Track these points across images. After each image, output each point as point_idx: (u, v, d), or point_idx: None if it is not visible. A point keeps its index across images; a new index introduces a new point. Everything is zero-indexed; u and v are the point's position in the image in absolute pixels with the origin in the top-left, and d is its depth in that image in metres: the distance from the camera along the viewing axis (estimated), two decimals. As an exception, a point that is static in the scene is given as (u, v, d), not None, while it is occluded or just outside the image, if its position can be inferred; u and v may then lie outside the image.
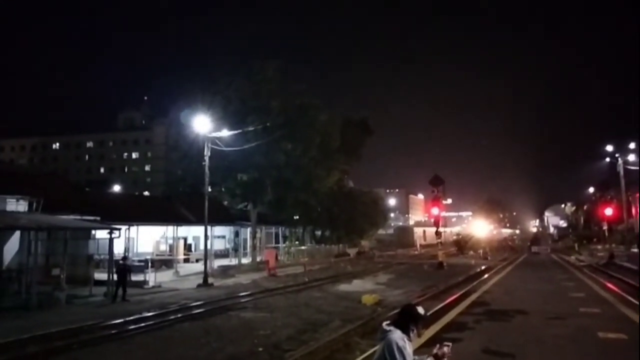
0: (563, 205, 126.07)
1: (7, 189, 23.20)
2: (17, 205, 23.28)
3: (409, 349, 4.65)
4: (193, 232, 36.91)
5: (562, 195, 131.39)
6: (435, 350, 4.85)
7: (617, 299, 15.23)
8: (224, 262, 34.29)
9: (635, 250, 31.48)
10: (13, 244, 21.90)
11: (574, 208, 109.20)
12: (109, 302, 18.26)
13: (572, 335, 9.74)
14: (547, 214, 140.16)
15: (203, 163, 26.33)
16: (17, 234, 21.70)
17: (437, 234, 37.72)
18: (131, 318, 14.41)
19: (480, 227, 70.69)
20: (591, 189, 76.86)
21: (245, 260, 35.23)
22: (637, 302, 9.85)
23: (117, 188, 63.10)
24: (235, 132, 28.80)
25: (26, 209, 23.72)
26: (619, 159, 39.80)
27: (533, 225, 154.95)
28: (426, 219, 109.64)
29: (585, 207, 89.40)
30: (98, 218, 25.16)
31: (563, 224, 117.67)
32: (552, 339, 9.45)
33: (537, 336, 9.71)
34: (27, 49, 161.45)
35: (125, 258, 20.35)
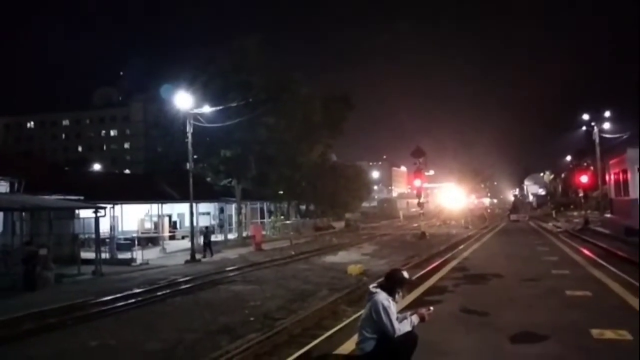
0: (542, 174, 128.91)
1: (-13, 171, 22.98)
2: (-3, 186, 23.11)
3: (393, 308, 5.15)
4: (177, 209, 37.02)
5: (541, 164, 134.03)
6: (419, 310, 5.41)
7: (587, 261, 16.08)
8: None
9: (608, 215, 32.74)
10: (-5, 225, 21.82)
11: (552, 176, 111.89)
12: (97, 280, 18.51)
13: (542, 294, 10.43)
14: (526, 182, 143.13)
15: (185, 140, 26.29)
16: (1, 215, 21.61)
17: (420, 205, 38.51)
18: (123, 294, 14.71)
19: (452, 197, 69.66)
20: (568, 158, 78.84)
21: (231, 236, 35.59)
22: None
23: (96, 167, 62.32)
24: (217, 108, 28.69)
25: (7, 190, 23.55)
26: (595, 127, 40.89)
27: (513, 194, 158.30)
28: (409, 190, 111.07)
29: (562, 175, 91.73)
30: (82, 197, 25.10)
31: (542, 192, 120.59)
32: (524, 298, 10.12)
33: (511, 296, 10.38)
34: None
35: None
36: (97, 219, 20.83)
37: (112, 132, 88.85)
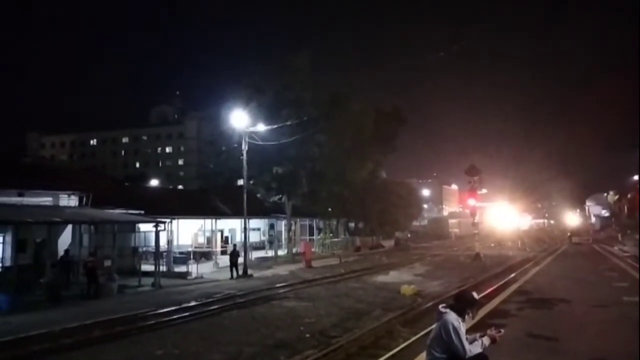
0: (605, 194, 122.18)
1: (59, 185, 24.60)
2: (68, 200, 24.64)
3: (462, 329, 5.05)
4: (229, 225, 37.84)
5: (603, 183, 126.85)
6: (488, 331, 5.27)
7: (663, 288, 14.99)
8: (260, 254, 35.06)
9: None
10: (65, 237, 23.23)
11: (616, 197, 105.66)
12: (156, 292, 19.23)
13: (614, 321, 9.85)
14: (588, 203, 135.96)
15: (241, 157, 27.02)
16: (69, 227, 23.01)
17: (474, 224, 37.40)
18: (182, 306, 15.21)
19: (505, 217, 66.32)
20: (636, 177, 74.20)
21: (281, 252, 35.93)
22: None
23: (153, 182, 65.01)
24: (272, 126, 29.38)
25: (77, 203, 25.06)
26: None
27: (574, 214, 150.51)
28: (460, 209, 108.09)
29: (629, 195, 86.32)
30: (142, 212, 26.23)
31: (605, 213, 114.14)
32: (595, 324, 9.58)
33: (580, 322, 9.85)
34: (59, 48, 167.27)
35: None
36: (157, 233, 21.67)
37: (168, 149, 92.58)
